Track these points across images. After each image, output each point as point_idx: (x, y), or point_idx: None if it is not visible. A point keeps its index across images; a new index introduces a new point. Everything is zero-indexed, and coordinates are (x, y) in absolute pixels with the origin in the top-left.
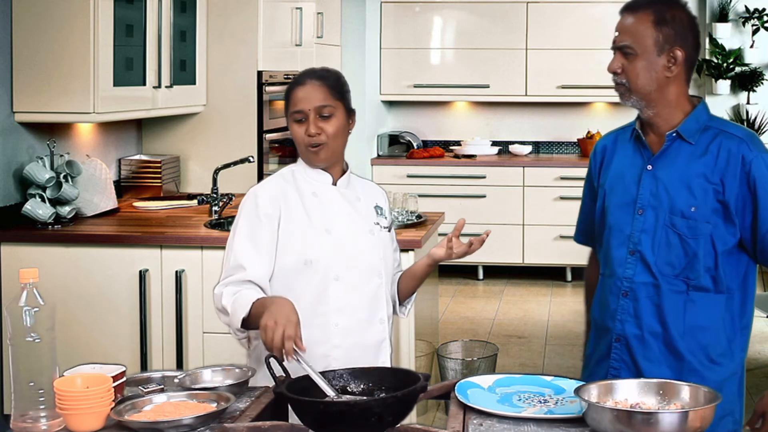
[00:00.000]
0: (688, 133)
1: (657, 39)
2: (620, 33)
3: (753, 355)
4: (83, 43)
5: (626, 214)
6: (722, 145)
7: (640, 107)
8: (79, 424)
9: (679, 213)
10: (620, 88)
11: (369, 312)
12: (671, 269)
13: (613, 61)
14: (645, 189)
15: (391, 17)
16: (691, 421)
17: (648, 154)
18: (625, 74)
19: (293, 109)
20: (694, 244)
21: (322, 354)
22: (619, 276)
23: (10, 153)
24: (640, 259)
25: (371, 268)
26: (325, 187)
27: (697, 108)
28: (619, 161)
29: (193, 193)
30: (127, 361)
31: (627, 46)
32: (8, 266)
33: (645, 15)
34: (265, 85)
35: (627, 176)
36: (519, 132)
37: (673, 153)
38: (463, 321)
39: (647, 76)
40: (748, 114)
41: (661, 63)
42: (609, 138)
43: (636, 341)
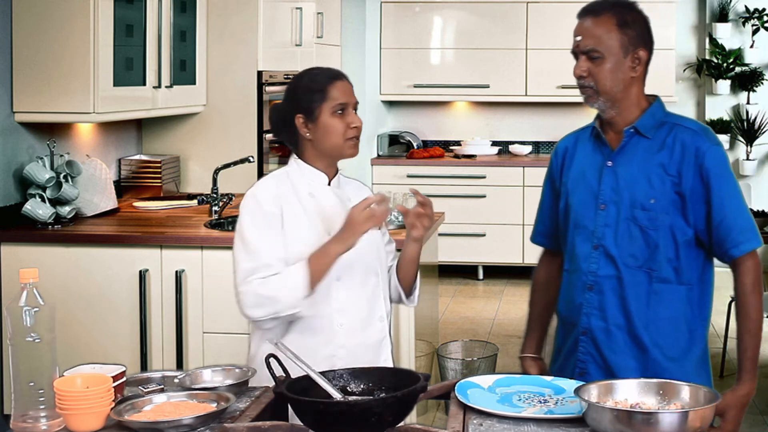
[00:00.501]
0: (645, 129)
1: (622, 41)
2: (583, 37)
3: None
4: (83, 43)
5: (589, 210)
6: (677, 138)
7: (605, 108)
8: (79, 424)
9: (639, 205)
10: (587, 90)
11: (369, 311)
12: (634, 261)
13: (578, 66)
14: (606, 185)
15: (391, 17)
16: (691, 421)
17: (608, 151)
18: (592, 77)
19: (338, 101)
20: (654, 235)
21: (328, 354)
22: (584, 271)
23: (10, 153)
24: (603, 253)
25: (368, 267)
26: (322, 187)
27: (653, 105)
28: (580, 160)
29: (193, 193)
30: (127, 361)
31: (593, 50)
32: (8, 266)
33: (607, 18)
34: (265, 85)
35: (588, 174)
36: (519, 132)
37: (631, 148)
38: (463, 321)
39: (614, 78)
40: (748, 114)
41: (626, 64)
42: (569, 139)
43: (602, 334)
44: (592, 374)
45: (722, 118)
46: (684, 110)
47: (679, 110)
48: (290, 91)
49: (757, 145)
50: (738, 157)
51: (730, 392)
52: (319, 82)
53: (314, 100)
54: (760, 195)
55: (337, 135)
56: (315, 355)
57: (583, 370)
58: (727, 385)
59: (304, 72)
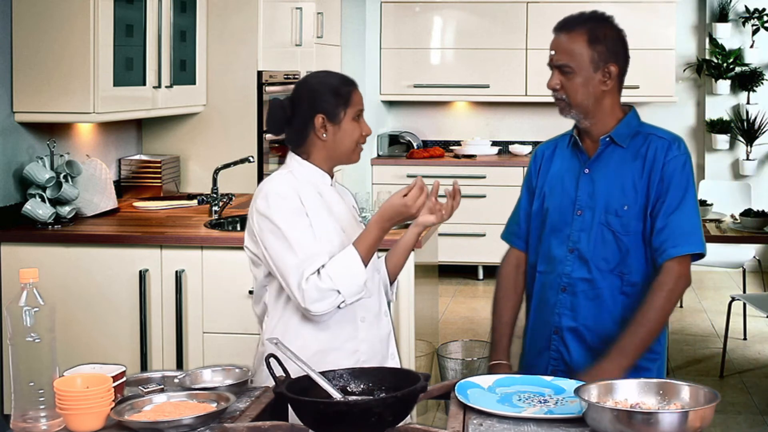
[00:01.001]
0: (620, 138)
1: (592, 57)
2: (557, 52)
3: (753, 355)
4: (83, 43)
5: (566, 215)
6: (650, 147)
7: (579, 119)
8: (79, 424)
9: (613, 211)
10: (560, 103)
11: (378, 305)
12: (606, 264)
13: (551, 79)
14: (583, 191)
15: (391, 17)
16: (691, 421)
17: (585, 158)
18: (564, 90)
19: (359, 107)
20: (626, 240)
21: (352, 349)
22: (558, 273)
23: (10, 153)
24: (578, 256)
25: (373, 263)
26: (326, 187)
27: (628, 115)
28: (558, 166)
29: (193, 193)
30: (127, 361)
31: (565, 65)
32: (8, 266)
33: (579, 35)
34: (265, 85)
35: (566, 179)
36: (519, 132)
37: (606, 156)
38: (463, 321)
39: (585, 91)
40: (748, 114)
41: (597, 78)
42: (549, 145)
43: (572, 334)
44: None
45: (722, 118)
46: (684, 110)
47: (679, 110)
48: (310, 90)
49: (757, 145)
50: (738, 157)
51: (594, 368)
52: (344, 87)
53: (340, 104)
54: (760, 195)
55: (352, 140)
56: (340, 350)
57: (556, 368)
58: (728, 385)
59: (321, 74)
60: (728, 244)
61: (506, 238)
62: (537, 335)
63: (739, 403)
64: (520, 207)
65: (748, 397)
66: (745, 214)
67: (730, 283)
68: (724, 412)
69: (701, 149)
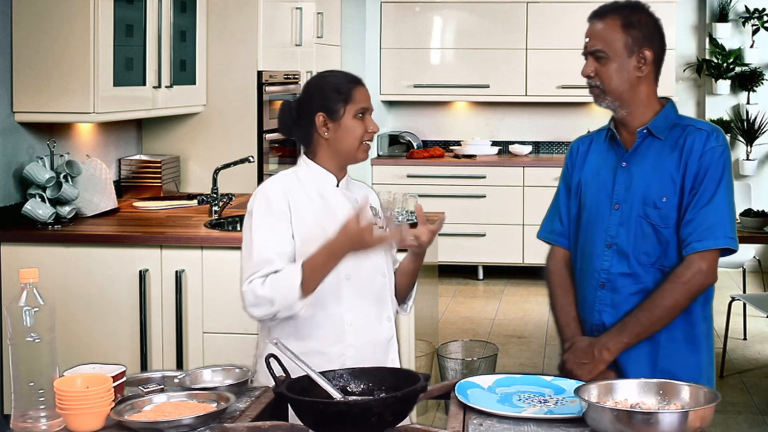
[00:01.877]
0: (657, 130)
1: (626, 42)
2: (591, 38)
3: (753, 355)
4: (83, 43)
5: (603, 209)
6: (688, 139)
7: (614, 107)
8: (79, 424)
9: (651, 204)
10: (595, 90)
11: (377, 310)
12: (647, 258)
13: (586, 66)
14: (620, 184)
15: (391, 17)
16: (691, 421)
17: (622, 152)
18: (598, 77)
19: (361, 105)
20: (666, 233)
21: (338, 353)
22: (596, 268)
23: (10, 153)
24: (616, 251)
25: (376, 267)
26: (330, 188)
27: (665, 107)
28: (595, 160)
29: (193, 193)
30: (127, 361)
31: (599, 51)
32: (8, 266)
33: (613, 20)
34: (265, 85)
35: (602, 173)
36: (519, 132)
37: (644, 149)
38: (463, 321)
39: (620, 77)
40: (748, 114)
41: (631, 64)
42: (584, 140)
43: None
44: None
45: (722, 118)
46: (684, 110)
47: (679, 110)
48: (312, 89)
49: (757, 145)
50: (738, 157)
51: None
52: (345, 84)
53: (339, 101)
54: (760, 195)
55: (355, 137)
56: (324, 354)
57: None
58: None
59: (326, 73)
60: None
61: (546, 237)
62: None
63: (739, 403)
64: (560, 204)
65: (748, 397)
66: (745, 214)
67: (730, 283)
68: (724, 412)
69: None
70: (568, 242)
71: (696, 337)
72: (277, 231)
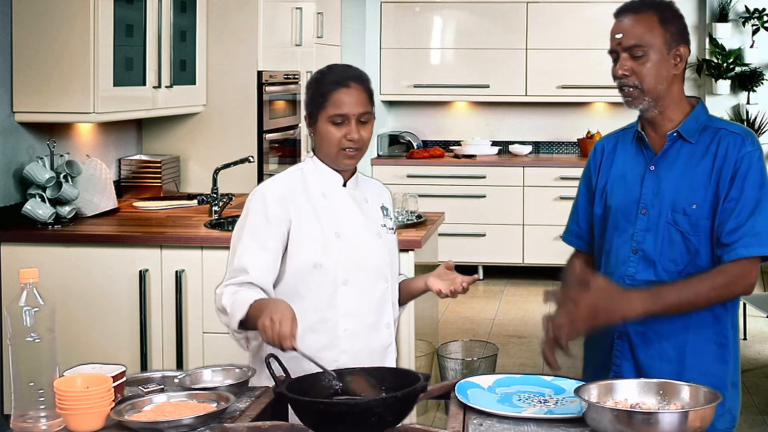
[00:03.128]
0: (688, 133)
1: (666, 38)
2: (625, 35)
3: (753, 355)
4: (83, 43)
5: (630, 213)
6: (721, 144)
7: (649, 107)
8: (79, 424)
9: (681, 211)
10: (632, 91)
11: (376, 316)
12: (674, 266)
13: (620, 65)
14: (648, 189)
15: (391, 17)
16: (691, 421)
17: (650, 155)
18: (636, 76)
19: (335, 111)
20: (695, 240)
21: (331, 359)
22: (620, 274)
23: (10, 153)
24: (642, 257)
25: (378, 273)
26: (336, 188)
27: (696, 108)
28: (621, 162)
29: (193, 193)
30: (127, 361)
31: (636, 46)
32: (8, 266)
33: (648, 16)
34: (265, 85)
35: (629, 177)
36: (519, 132)
37: (674, 153)
38: (463, 321)
39: (658, 75)
40: (748, 114)
41: (669, 62)
42: (610, 139)
43: (638, 338)
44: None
45: (722, 118)
46: None
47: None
48: (307, 86)
49: None
50: None
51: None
52: (325, 86)
53: (315, 104)
54: None
55: (331, 144)
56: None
57: (618, 373)
58: None
59: (325, 69)
60: None
61: (566, 239)
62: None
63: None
64: (579, 206)
65: (748, 397)
66: None
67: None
68: None
69: None
70: (585, 244)
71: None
72: (263, 240)
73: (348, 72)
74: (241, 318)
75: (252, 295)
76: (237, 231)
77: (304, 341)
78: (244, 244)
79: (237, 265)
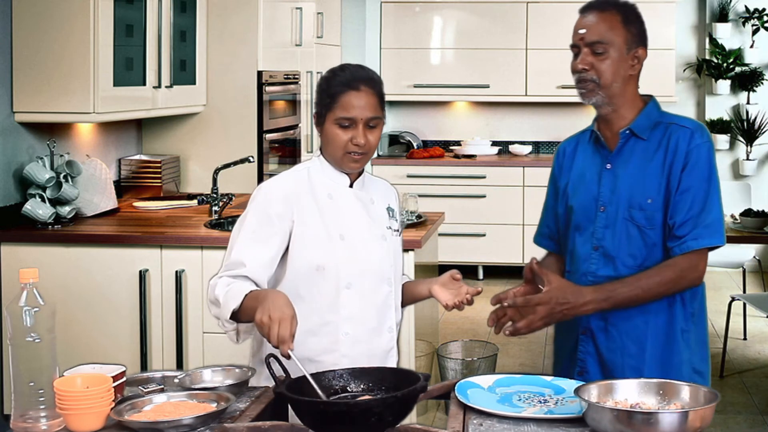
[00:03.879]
0: (640, 130)
1: (626, 38)
2: (588, 30)
3: (753, 355)
4: (83, 43)
5: (589, 212)
6: (672, 138)
7: (603, 104)
8: (79, 424)
9: (637, 206)
10: (588, 85)
11: (378, 320)
12: (633, 260)
13: (580, 59)
14: (605, 187)
15: (391, 17)
16: (691, 421)
17: (606, 153)
18: (594, 71)
19: (343, 114)
20: (653, 234)
21: (332, 363)
22: (582, 272)
23: (10, 153)
24: (602, 254)
25: (382, 276)
26: (342, 188)
27: (648, 105)
28: (581, 162)
29: (193, 193)
30: (127, 361)
31: (598, 42)
32: (8, 266)
33: (612, 15)
34: (265, 85)
35: (588, 176)
36: (519, 132)
37: (628, 150)
38: (463, 321)
39: (616, 72)
40: (748, 114)
41: (628, 62)
42: (571, 141)
43: (601, 334)
44: (591, 372)
45: (722, 118)
46: (684, 110)
47: (679, 110)
48: (317, 85)
49: (757, 145)
50: (738, 157)
51: (573, 287)
52: (334, 87)
53: (324, 105)
54: (760, 195)
55: (337, 147)
56: (317, 362)
57: (583, 369)
58: (727, 385)
59: (337, 69)
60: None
61: (537, 241)
62: (565, 337)
63: (739, 403)
64: (548, 207)
65: (748, 397)
66: (745, 214)
67: (730, 283)
68: (724, 412)
69: None
70: (556, 245)
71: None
72: (263, 236)
73: (359, 74)
74: (235, 308)
75: (247, 286)
76: (237, 226)
77: (305, 344)
78: (243, 237)
79: (234, 258)
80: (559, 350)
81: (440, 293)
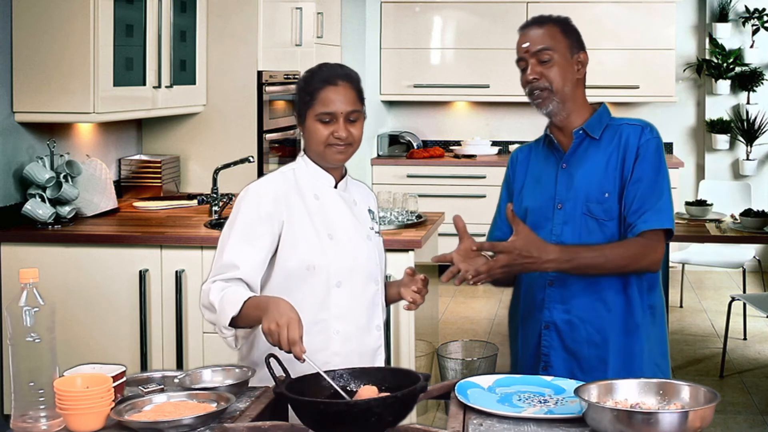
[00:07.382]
0: (592, 129)
1: (567, 44)
2: (532, 42)
3: (753, 355)
4: (83, 43)
5: (547, 210)
6: (623, 135)
7: (558, 110)
8: (79, 424)
9: (594, 200)
10: (542, 93)
11: (367, 318)
12: None
13: (529, 71)
14: (561, 185)
15: (391, 17)
16: (691, 421)
17: (561, 154)
18: (545, 78)
19: (323, 109)
20: (611, 225)
21: (323, 361)
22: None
23: (10, 153)
24: None
25: (369, 275)
26: (327, 189)
27: (599, 110)
28: (536, 167)
29: (193, 193)
30: (127, 361)
31: (544, 50)
32: (8, 266)
33: (551, 26)
34: (265, 85)
35: (544, 178)
36: (519, 132)
37: (582, 150)
38: (463, 321)
39: (565, 76)
40: (748, 114)
41: (573, 66)
42: (524, 149)
43: (565, 326)
44: (555, 367)
45: (722, 118)
46: (684, 110)
47: (679, 110)
48: (296, 86)
49: (757, 145)
50: (738, 157)
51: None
52: (313, 85)
53: (303, 103)
54: (760, 195)
55: (318, 142)
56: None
57: (547, 363)
58: (728, 385)
59: (314, 68)
60: (728, 244)
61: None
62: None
63: (739, 403)
64: (501, 211)
65: (748, 397)
66: (745, 214)
67: (730, 283)
68: (724, 412)
69: (701, 149)
70: None
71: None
72: (255, 237)
73: (337, 71)
74: (234, 315)
75: (243, 292)
76: (227, 228)
77: None
78: (234, 240)
79: (226, 261)
80: (521, 348)
81: (404, 293)
